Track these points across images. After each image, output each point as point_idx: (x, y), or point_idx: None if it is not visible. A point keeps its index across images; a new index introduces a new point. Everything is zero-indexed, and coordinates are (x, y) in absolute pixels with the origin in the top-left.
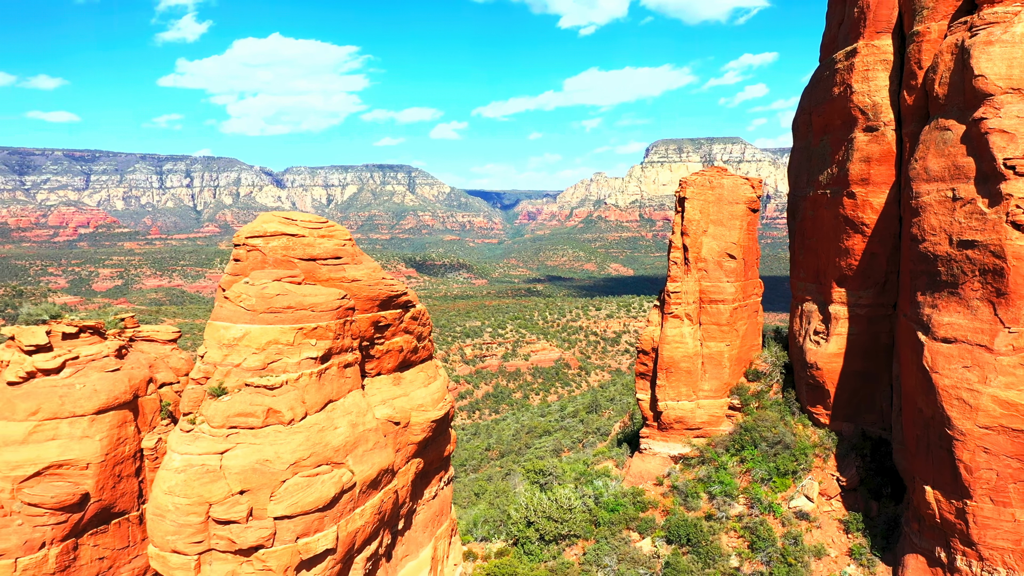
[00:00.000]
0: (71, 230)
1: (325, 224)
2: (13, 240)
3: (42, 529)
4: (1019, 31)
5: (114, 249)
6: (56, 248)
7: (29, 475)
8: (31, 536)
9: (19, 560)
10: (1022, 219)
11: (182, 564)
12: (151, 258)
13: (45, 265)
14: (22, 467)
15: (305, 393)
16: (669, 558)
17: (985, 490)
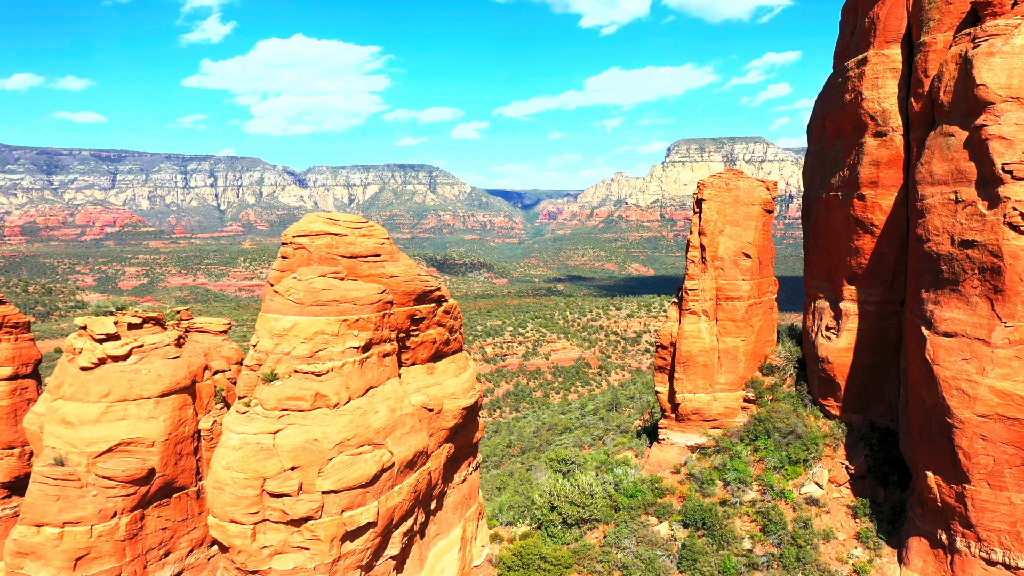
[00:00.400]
0: (98, 229)
1: (365, 224)
2: (42, 239)
3: (114, 500)
4: (1018, 43)
5: (140, 248)
6: (83, 247)
7: (102, 451)
8: (104, 506)
9: (94, 527)
10: (1018, 220)
11: (239, 532)
12: (176, 257)
13: (73, 263)
14: (96, 444)
15: (349, 379)
16: (685, 540)
17: (983, 475)
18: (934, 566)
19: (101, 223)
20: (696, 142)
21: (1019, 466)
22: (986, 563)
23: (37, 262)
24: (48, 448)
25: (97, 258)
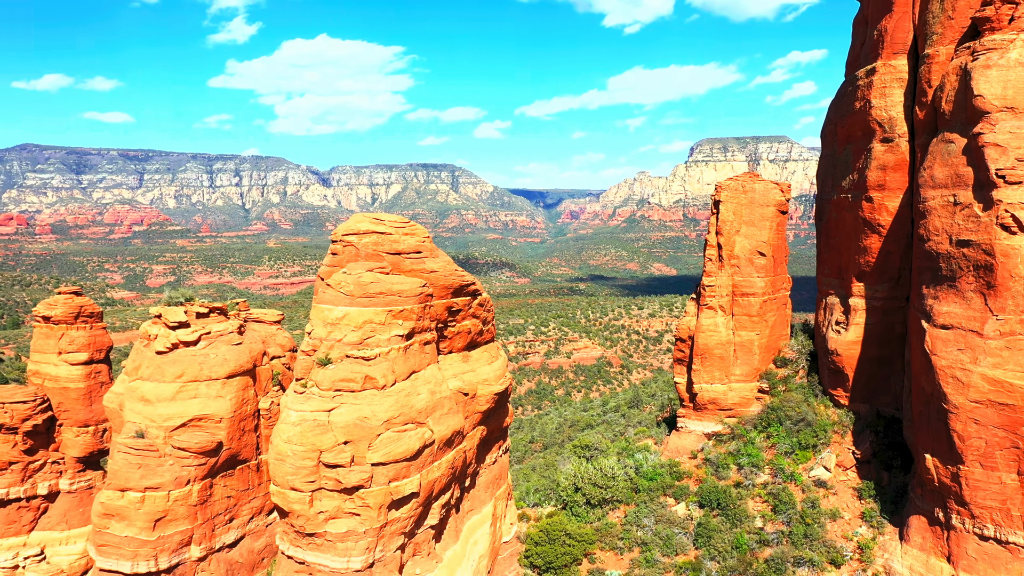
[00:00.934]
0: (126, 227)
1: (408, 224)
2: (71, 237)
3: (187, 469)
4: (1013, 56)
5: (166, 246)
6: (112, 245)
7: (177, 425)
8: (180, 474)
9: (171, 492)
10: (1009, 221)
11: (299, 499)
12: (202, 255)
13: (102, 261)
14: (172, 419)
15: (394, 364)
16: (701, 519)
17: (975, 456)
18: (932, 542)
19: (129, 222)
20: (719, 141)
21: (1009, 448)
22: (979, 538)
23: (67, 260)
24: (129, 423)
25: (125, 256)
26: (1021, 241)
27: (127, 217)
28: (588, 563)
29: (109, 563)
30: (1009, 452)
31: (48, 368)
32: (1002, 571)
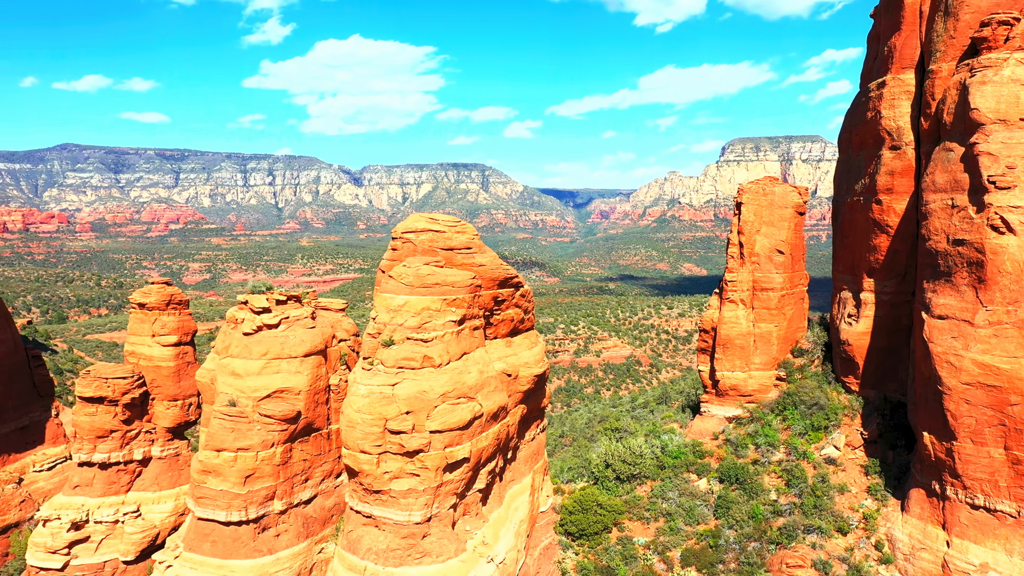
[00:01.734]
0: (162, 226)
1: (459, 223)
2: (110, 235)
3: (272, 433)
4: (1006, 74)
5: (202, 244)
6: (149, 243)
7: (263, 396)
8: (265, 438)
9: (259, 453)
10: (998, 222)
11: (367, 460)
12: (237, 253)
13: (140, 259)
14: (259, 391)
15: (448, 346)
16: (721, 493)
17: (967, 433)
18: (929, 511)
19: (165, 220)
20: (751, 141)
21: (996, 425)
22: (970, 507)
23: (107, 257)
24: (222, 394)
25: (162, 254)
26: (1008, 240)
27: (163, 215)
28: (617, 531)
29: (206, 512)
30: (997, 429)
31: (143, 349)
32: (990, 536)
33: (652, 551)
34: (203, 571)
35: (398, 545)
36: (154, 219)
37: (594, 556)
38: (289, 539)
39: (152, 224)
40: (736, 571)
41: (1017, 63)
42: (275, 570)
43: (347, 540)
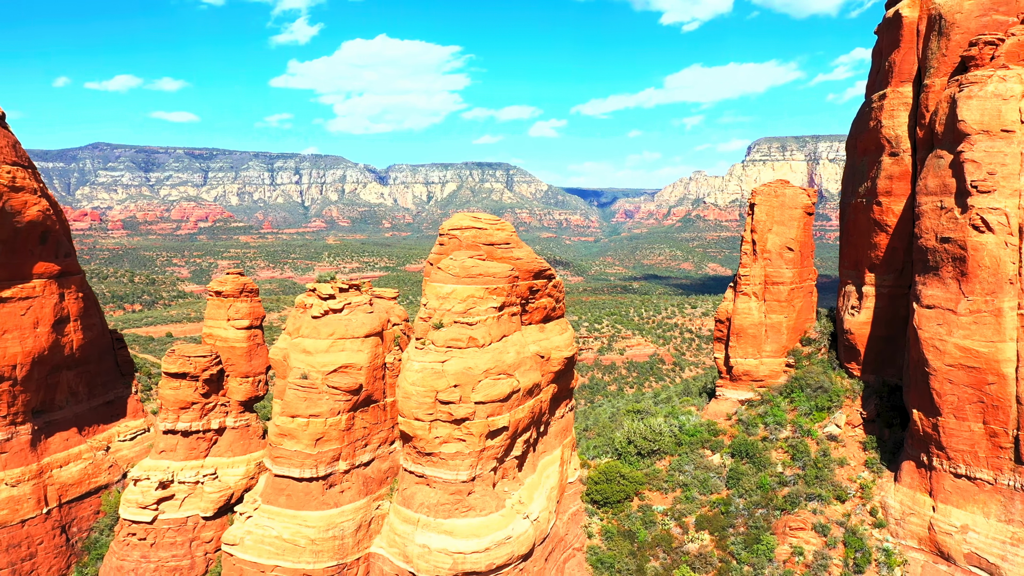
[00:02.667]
0: (192, 224)
1: (499, 221)
2: (141, 232)
3: (338, 403)
4: (990, 89)
5: (230, 242)
6: (179, 240)
7: (331, 370)
8: (332, 406)
9: (327, 419)
10: (979, 222)
11: (421, 426)
12: (264, 251)
13: (170, 256)
14: (327, 366)
15: (490, 329)
16: (732, 466)
17: (950, 409)
18: (918, 481)
19: (195, 218)
20: (778, 140)
21: (976, 402)
22: (953, 476)
23: (138, 254)
24: (295, 368)
25: (192, 251)
26: (987, 238)
27: (193, 214)
28: (638, 500)
29: (282, 470)
30: (976, 406)
31: (219, 331)
32: (970, 501)
33: (669, 517)
34: (279, 520)
35: (447, 500)
36: (183, 217)
37: (617, 521)
38: (352, 495)
39: (181, 222)
40: (744, 534)
41: (1000, 80)
42: (340, 521)
43: (402, 496)
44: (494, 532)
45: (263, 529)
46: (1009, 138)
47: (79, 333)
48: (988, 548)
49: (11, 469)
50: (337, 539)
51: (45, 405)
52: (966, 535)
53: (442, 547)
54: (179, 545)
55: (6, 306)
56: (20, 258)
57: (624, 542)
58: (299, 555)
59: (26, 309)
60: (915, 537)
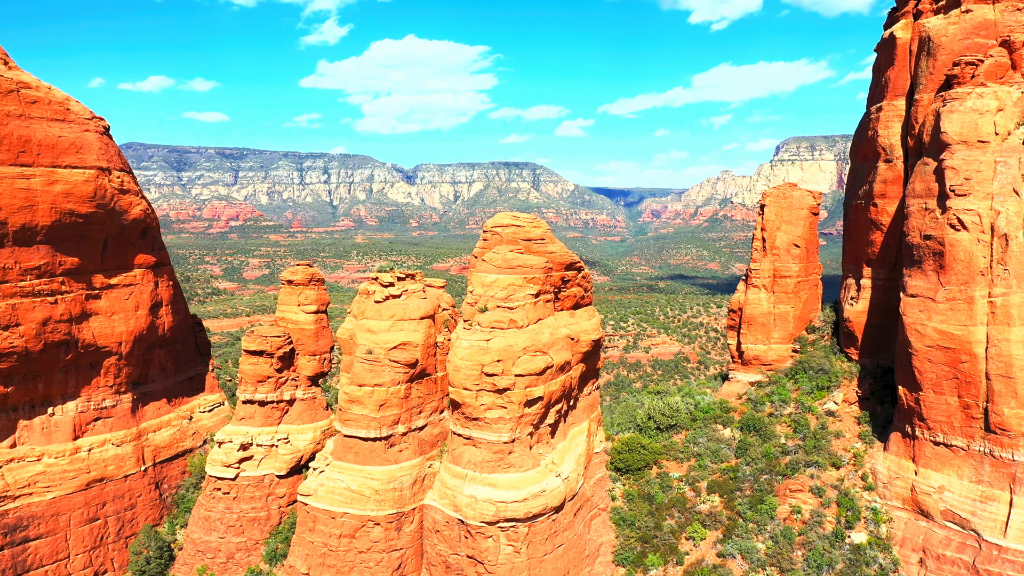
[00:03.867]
0: (223, 222)
1: (535, 220)
2: (173, 231)
3: (398, 374)
4: (969, 104)
5: (261, 240)
6: (210, 239)
7: (392, 347)
8: (393, 377)
9: (389, 388)
10: (955, 222)
11: (468, 395)
12: (294, 249)
13: (202, 254)
14: (388, 342)
15: (528, 313)
16: (741, 439)
17: (929, 385)
18: (903, 449)
19: (226, 217)
20: (807, 140)
21: (951, 379)
22: (933, 443)
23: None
24: (361, 345)
25: (223, 249)
26: (962, 235)
27: (224, 212)
28: (657, 468)
29: (351, 431)
30: (951, 382)
31: (290, 315)
32: (946, 465)
33: (684, 483)
34: (348, 474)
35: (490, 458)
36: (215, 216)
37: (637, 486)
38: (408, 454)
39: (213, 221)
40: (750, 496)
41: (978, 96)
42: (400, 475)
43: (451, 455)
44: (531, 486)
45: (334, 482)
46: (984, 148)
47: (169, 316)
48: (961, 505)
49: (116, 431)
50: (397, 491)
51: (142, 378)
52: (942, 495)
53: (486, 497)
54: (257, 499)
55: (113, 291)
56: (125, 251)
57: (644, 504)
58: (365, 504)
59: (129, 294)
60: (899, 498)
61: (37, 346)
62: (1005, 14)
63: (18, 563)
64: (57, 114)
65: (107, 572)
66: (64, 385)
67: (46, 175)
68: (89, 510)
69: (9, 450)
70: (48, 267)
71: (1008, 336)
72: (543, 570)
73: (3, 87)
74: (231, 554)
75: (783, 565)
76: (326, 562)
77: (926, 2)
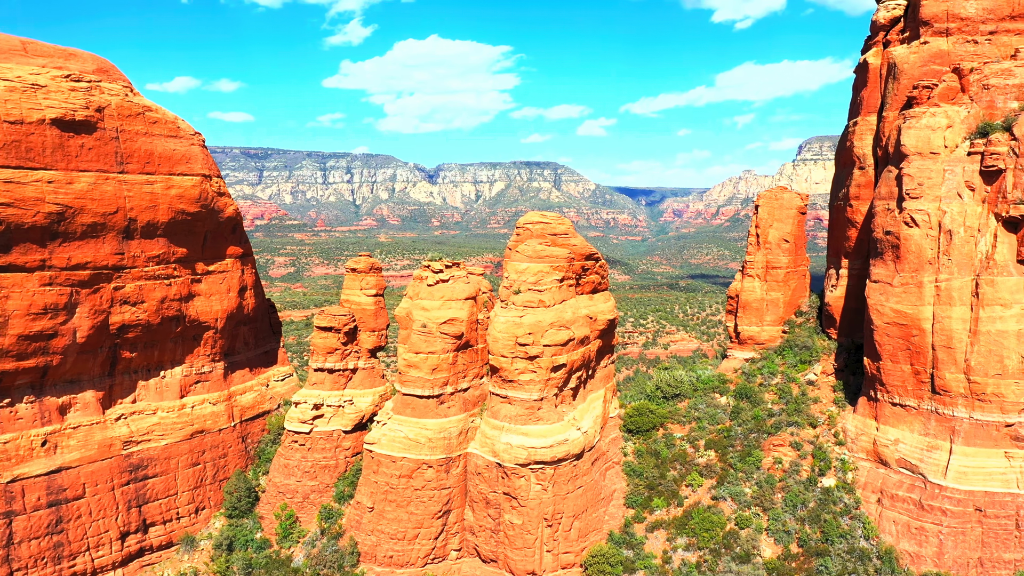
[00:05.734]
0: (248, 221)
1: (560, 218)
2: None
3: (447, 344)
4: (923, 122)
5: (286, 239)
6: None
7: (442, 321)
8: (443, 346)
9: (440, 355)
10: (909, 220)
11: (505, 361)
12: (319, 248)
13: None
14: (439, 318)
15: (553, 295)
16: (735, 405)
17: (887, 355)
18: (868, 410)
19: (251, 216)
20: (829, 139)
21: (905, 350)
22: (891, 404)
23: None
24: (417, 320)
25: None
26: (914, 231)
27: (249, 211)
28: (663, 430)
29: (409, 390)
30: (905, 352)
31: (354, 297)
32: (901, 422)
33: (685, 441)
34: (407, 426)
35: (523, 413)
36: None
37: (646, 444)
38: (455, 410)
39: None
40: (740, 451)
41: (931, 115)
42: (448, 426)
43: (491, 411)
44: (556, 435)
45: (394, 432)
46: (935, 158)
47: (252, 299)
48: (912, 454)
49: (212, 393)
50: (446, 439)
51: (230, 350)
52: (897, 446)
53: (520, 444)
54: (327, 450)
55: (211, 277)
56: (220, 243)
57: (651, 458)
58: (420, 450)
59: (223, 279)
60: (864, 450)
61: (156, 320)
62: (956, 45)
63: (140, 496)
64: (171, 131)
65: (205, 508)
66: (173, 353)
67: (164, 181)
68: (192, 456)
69: (131, 404)
70: (164, 256)
71: (950, 314)
72: (566, 505)
73: (133, 111)
74: (306, 495)
75: (765, 505)
76: (388, 498)
77: (894, 33)
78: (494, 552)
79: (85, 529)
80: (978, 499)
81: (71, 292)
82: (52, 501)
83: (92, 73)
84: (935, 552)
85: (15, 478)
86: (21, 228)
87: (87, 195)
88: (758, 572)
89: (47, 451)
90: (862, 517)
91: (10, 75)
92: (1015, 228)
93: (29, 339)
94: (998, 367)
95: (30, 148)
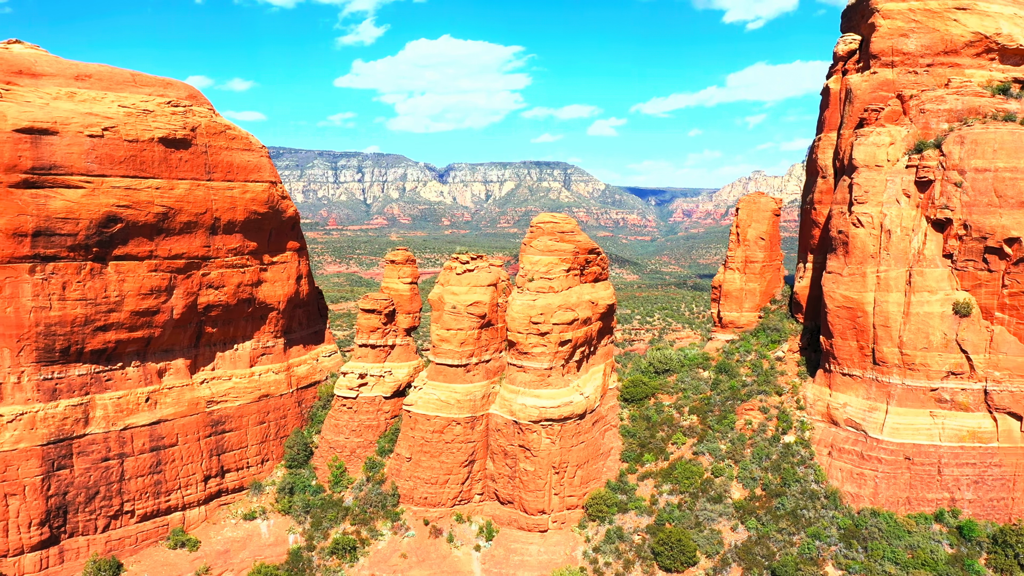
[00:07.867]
0: None
1: (567, 218)
2: None
3: (473, 322)
4: (871, 140)
5: None
6: None
7: (469, 304)
8: (470, 324)
9: (467, 332)
10: (856, 221)
11: (521, 336)
12: (331, 247)
13: None
14: (466, 301)
15: (561, 282)
16: (715, 378)
17: (838, 333)
18: (824, 380)
19: None
20: None
21: (851, 329)
22: (841, 375)
23: None
24: (447, 303)
25: None
26: (859, 231)
27: None
28: (654, 399)
29: (441, 360)
30: (850, 331)
31: (392, 284)
32: (849, 389)
33: (672, 408)
34: (439, 390)
35: (535, 379)
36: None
37: (639, 411)
38: (479, 378)
39: None
40: (718, 416)
41: (877, 134)
42: (473, 390)
43: (508, 379)
44: (563, 397)
45: (428, 395)
46: (879, 170)
47: (306, 286)
48: (856, 415)
49: (274, 364)
50: (471, 401)
51: (288, 329)
52: (845, 408)
53: (533, 404)
54: (371, 413)
55: (275, 266)
56: (282, 238)
57: (643, 422)
58: (450, 410)
59: (284, 269)
60: (819, 413)
61: (233, 301)
62: (900, 75)
63: (219, 446)
64: (245, 146)
65: (269, 460)
66: (245, 329)
67: (241, 187)
68: (259, 415)
69: (211, 371)
70: (240, 248)
71: (887, 299)
72: (571, 456)
73: (217, 130)
74: (353, 449)
75: (736, 458)
76: (423, 449)
77: (851, 63)
78: (511, 495)
79: (177, 471)
80: (907, 450)
81: (170, 277)
82: (153, 447)
83: (185, 99)
84: (871, 492)
85: (127, 426)
86: (136, 225)
87: (184, 199)
88: (728, 510)
89: (149, 406)
90: (815, 466)
91: (127, 103)
92: (941, 228)
93: (138, 314)
94: (925, 342)
95: (143, 161)
